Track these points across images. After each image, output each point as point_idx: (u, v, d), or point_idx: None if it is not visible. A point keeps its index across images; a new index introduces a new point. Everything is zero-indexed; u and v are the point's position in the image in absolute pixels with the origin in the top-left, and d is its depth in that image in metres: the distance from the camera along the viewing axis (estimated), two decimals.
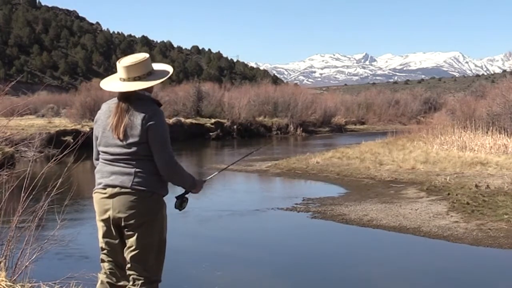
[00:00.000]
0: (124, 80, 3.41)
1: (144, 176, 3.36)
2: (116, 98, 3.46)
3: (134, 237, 3.37)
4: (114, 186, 3.36)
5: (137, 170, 3.37)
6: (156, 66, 3.55)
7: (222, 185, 19.09)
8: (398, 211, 12.14)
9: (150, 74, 3.44)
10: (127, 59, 3.46)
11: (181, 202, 3.58)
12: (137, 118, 3.33)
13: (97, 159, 3.54)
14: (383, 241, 10.26)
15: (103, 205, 3.39)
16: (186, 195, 3.60)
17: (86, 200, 14.11)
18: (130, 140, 3.34)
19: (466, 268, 8.91)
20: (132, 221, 3.35)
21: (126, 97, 3.40)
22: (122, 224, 3.36)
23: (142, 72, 3.41)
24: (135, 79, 3.39)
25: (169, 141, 3.38)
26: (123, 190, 3.35)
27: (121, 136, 3.36)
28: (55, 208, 5.11)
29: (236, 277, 8.23)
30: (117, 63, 3.47)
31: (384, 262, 9.02)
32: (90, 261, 8.31)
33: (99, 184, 3.43)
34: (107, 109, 3.47)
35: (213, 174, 4.12)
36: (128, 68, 3.40)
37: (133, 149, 3.35)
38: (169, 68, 3.61)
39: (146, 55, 3.51)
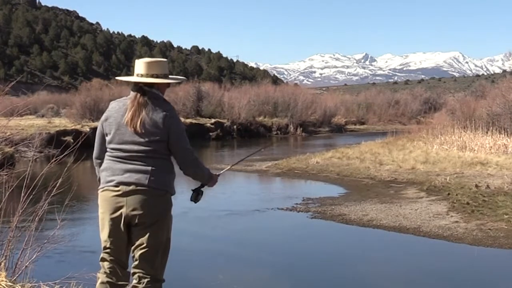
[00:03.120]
0: (142, 75, 3.47)
1: (159, 174, 3.39)
2: (128, 97, 3.49)
3: (146, 236, 3.36)
4: (128, 184, 3.34)
5: (153, 168, 3.38)
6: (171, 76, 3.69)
7: (222, 185, 19.07)
8: (398, 211, 12.14)
9: (166, 76, 3.54)
10: (148, 58, 3.58)
11: (197, 195, 3.62)
12: (157, 117, 3.37)
13: (99, 157, 3.54)
14: (383, 241, 10.26)
15: (115, 203, 3.36)
16: (202, 189, 3.66)
17: (86, 200, 14.12)
18: (151, 138, 3.36)
19: (466, 268, 8.91)
20: (146, 219, 3.35)
21: (143, 92, 3.44)
22: (136, 221, 3.35)
23: (160, 71, 3.50)
24: (153, 76, 3.47)
25: (187, 139, 3.50)
26: (139, 188, 3.34)
27: (138, 129, 3.36)
28: (55, 208, 5.11)
29: (236, 277, 8.23)
30: (137, 60, 3.56)
31: (384, 262, 9.02)
32: (90, 261, 8.30)
33: (110, 181, 3.39)
34: (121, 106, 3.47)
35: (225, 169, 4.15)
36: (149, 64, 3.48)
37: (152, 147, 3.37)
38: (183, 77, 3.85)
39: (165, 59, 3.66)
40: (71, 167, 5.20)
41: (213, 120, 44.13)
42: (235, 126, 44.56)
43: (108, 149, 3.47)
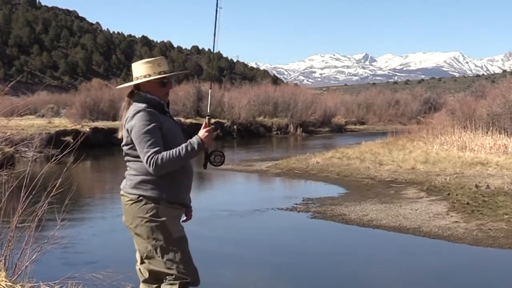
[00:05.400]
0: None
1: (132, 179, 3.34)
2: None
3: (134, 241, 3.40)
4: (121, 189, 3.44)
5: (129, 173, 3.38)
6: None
7: (222, 185, 19.10)
8: (398, 211, 12.13)
9: (150, 77, 3.38)
10: (140, 60, 3.51)
11: (205, 163, 3.50)
12: (124, 119, 3.36)
13: None
14: (383, 241, 10.26)
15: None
16: (209, 154, 3.47)
17: (86, 200, 14.13)
18: (124, 142, 3.37)
19: (466, 268, 8.91)
20: (127, 225, 3.38)
21: (128, 96, 3.44)
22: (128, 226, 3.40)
23: (141, 73, 3.39)
24: (134, 79, 3.44)
25: (148, 141, 3.20)
26: (121, 192, 3.39)
27: (118, 135, 3.40)
28: (55, 208, 5.11)
29: (236, 277, 8.22)
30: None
31: (384, 262, 9.01)
32: (90, 261, 8.31)
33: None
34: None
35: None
36: (132, 67, 3.45)
37: (127, 151, 3.37)
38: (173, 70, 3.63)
39: (156, 57, 3.48)
40: (70, 167, 5.20)
41: (213, 120, 44.07)
42: (235, 126, 44.55)
43: None
